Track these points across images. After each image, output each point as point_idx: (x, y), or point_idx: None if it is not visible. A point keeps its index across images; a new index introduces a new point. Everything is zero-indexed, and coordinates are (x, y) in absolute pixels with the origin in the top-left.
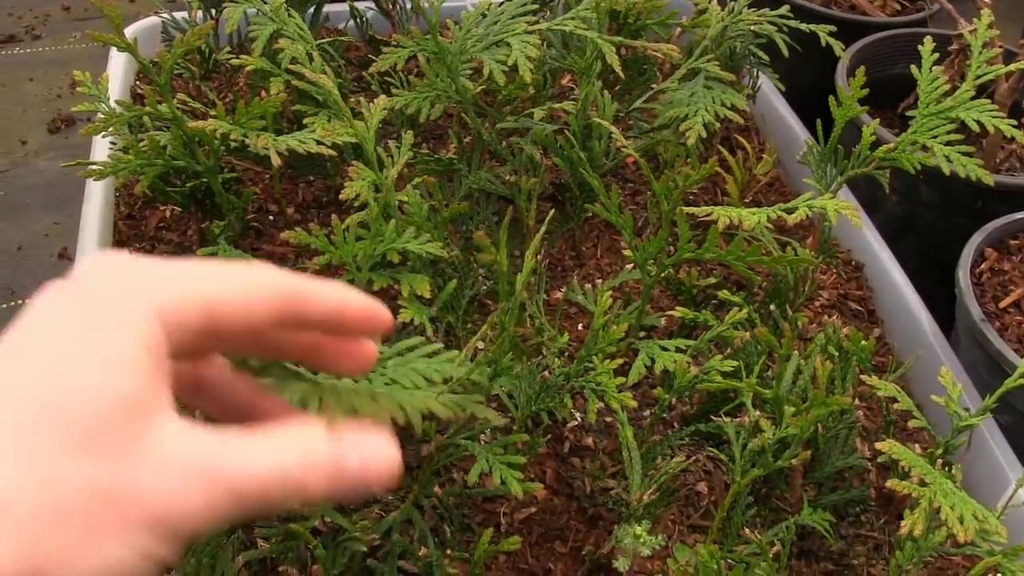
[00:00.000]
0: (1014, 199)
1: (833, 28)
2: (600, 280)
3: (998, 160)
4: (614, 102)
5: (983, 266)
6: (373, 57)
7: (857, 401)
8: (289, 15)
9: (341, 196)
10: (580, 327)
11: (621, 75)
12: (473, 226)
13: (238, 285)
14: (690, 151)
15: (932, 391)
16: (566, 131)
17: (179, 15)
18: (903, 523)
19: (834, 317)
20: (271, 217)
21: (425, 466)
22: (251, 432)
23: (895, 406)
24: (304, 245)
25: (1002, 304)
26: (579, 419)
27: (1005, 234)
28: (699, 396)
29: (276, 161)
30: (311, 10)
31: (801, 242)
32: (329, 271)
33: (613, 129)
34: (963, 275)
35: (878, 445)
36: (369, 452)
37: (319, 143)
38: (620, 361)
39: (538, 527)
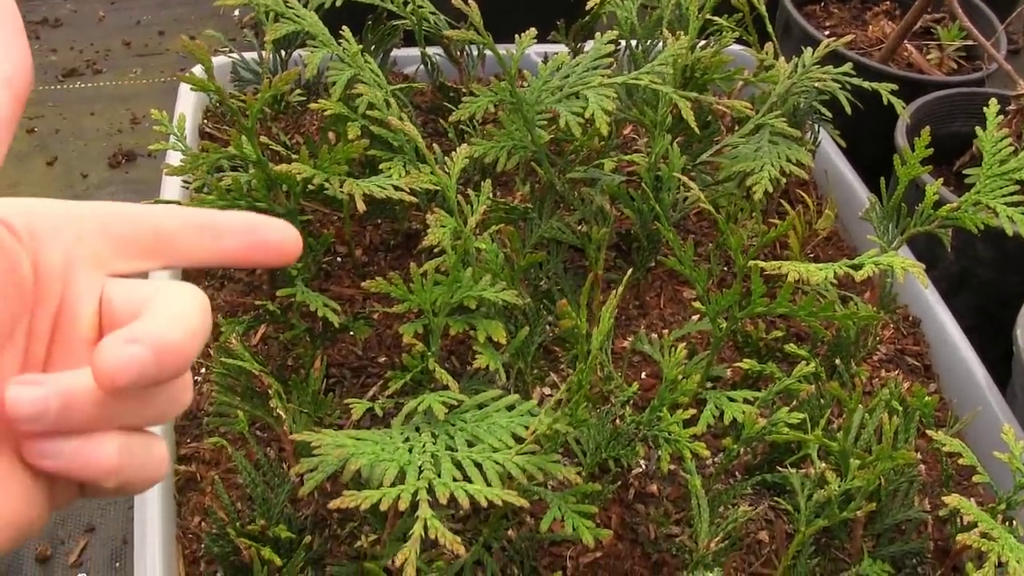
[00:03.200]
0: None
1: (895, 87)
2: (665, 330)
3: None
4: (682, 155)
5: None
6: (443, 103)
7: (918, 455)
8: (365, 60)
9: (424, 243)
10: (644, 375)
11: (697, 130)
12: (543, 274)
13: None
14: (754, 205)
15: (987, 446)
16: (637, 182)
17: (248, 55)
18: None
19: (896, 372)
20: (339, 259)
21: (495, 509)
22: None
23: (959, 461)
24: (383, 292)
25: None
26: (643, 466)
27: None
28: (762, 446)
29: (361, 207)
30: (381, 55)
31: (860, 296)
32: (406, 317)
33: (688, 180)
34: (1021, 332)
35: (945, 499)
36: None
37: (398, 188)
38: (692, 412)
39: (603, 571)
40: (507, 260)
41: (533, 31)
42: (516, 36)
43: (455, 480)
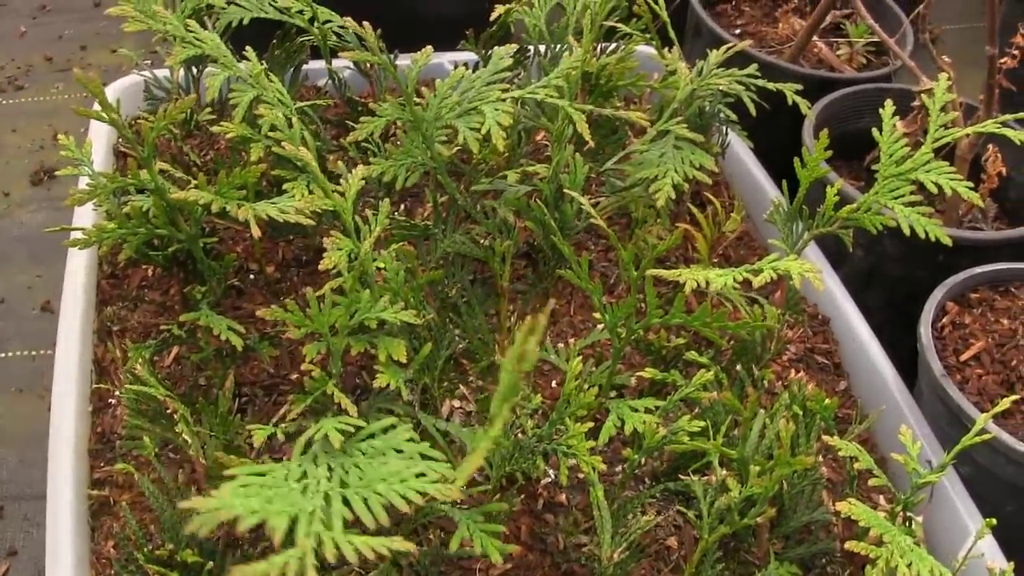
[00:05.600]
0: (974, 253)
1: (799, 87)
2: (573, 339)
3: (961, 213)
4: (586, 164)
5: (944, 320)
6: (351, 118)
7: (822, 456)
8: (269, 79)
9: (320, 267)
10: (554, 384)
11: (590, 141)
12: (449, 288)
13: None
14: (661, 211)
15: (896, 443)
16: (538, 195)
17: (160, 73)
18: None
19: (799, 374)
20: (252, 276)
21: (403, 526)
22: None
23: (856, 464)
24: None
25: (963, 357)
26: (552, 476)
27: (966, 288)
28: (668, 454)
29: (256, 232)
30: (291, 70)
31: (768, 297)
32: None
33: (582, 200)
34: (924, 331)
35: (838, 505)
36: None
37: (299, 211)
38: (590, 424)
39: None
40: (409, 276)
41: (430, 49)
42: (460, 42)
43: (346, 526)
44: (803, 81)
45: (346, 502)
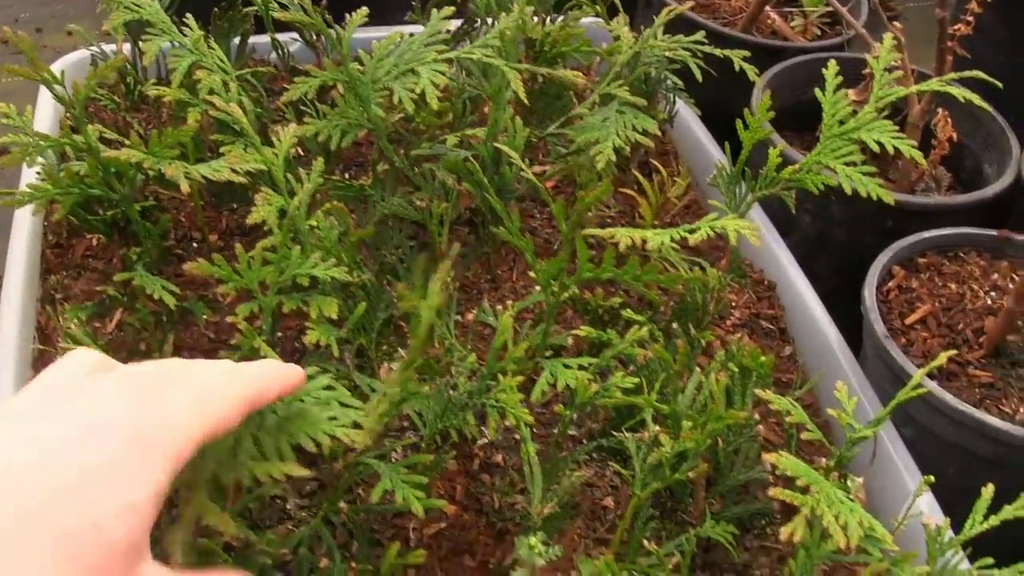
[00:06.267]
0: (923, 218)
1: (747, 53)
2: (512, 302)
3: (914, 180)
4: (526, 128)
5: (891, 284)
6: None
7: (762, 418)
8: (209, 47)
9: (247, 221)
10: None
11: (525, 101)
12: (388, 251)
13: (224, 410)
14: (603, 174)
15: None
16: (478, 158)
17: (109, 48)
18: (783, 530)
19: (739, 335)
20: (195, 244)
21: (334, 484)
22: None
23: (788, 419)
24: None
25: (908, 321)
26: (488, 437)
27: (913, 252)
28: (605, 413)
29: (185, 188)
30: (236, 41)
31: (716, 263)
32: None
33: (514, 155)
34: (868, 293)
35: (765, 457)
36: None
37: (235, 171)
38: (520, 379)
39: (447, 542)
40: (343, 237)
41: (364, 9)
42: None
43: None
44: (754, 50)
45: (257, 443)
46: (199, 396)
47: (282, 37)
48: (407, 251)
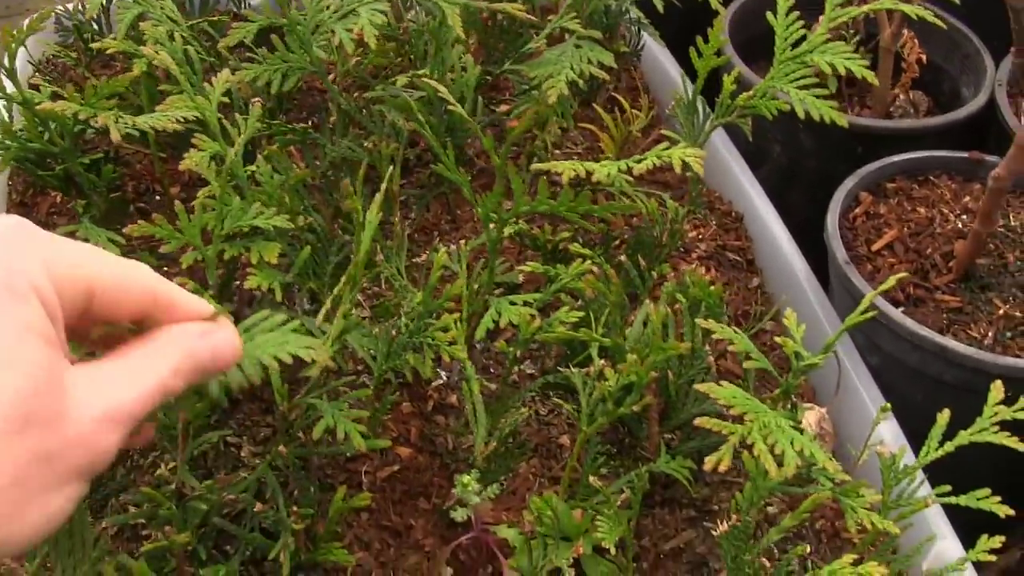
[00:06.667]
0: (895, 143)
1: None
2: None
3: (890, 105)
4: (477, 65)
5: (857, 210)
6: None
7: (713, 350)
8: None
9: (180, 167)
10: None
11: (461, 35)
12: (340, 195)
13: (118, 275)
14: (561, 110)
15: (807, 340)
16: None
17: (73, 5)
18: (707, 460)
19: (710, 271)
20: (157, 197)
21: (281, 427)
22: (125, 355)
23: (731, 348)
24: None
25: (874, 247)
26: (444, 378)
27: (882, 177)
28: (558, 351)
29: (115, 136)
30: None
31: (684, 197)
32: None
33: (442, 89)
34: (831, 219)
35: (697, 387)
36: (218, 343)
37: (178, 121)
38: (456, 316)
39: (401, 484)
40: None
41: None
42: None
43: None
44: None
45: None
46: (89, 253)
47: None
48: (361, 194)
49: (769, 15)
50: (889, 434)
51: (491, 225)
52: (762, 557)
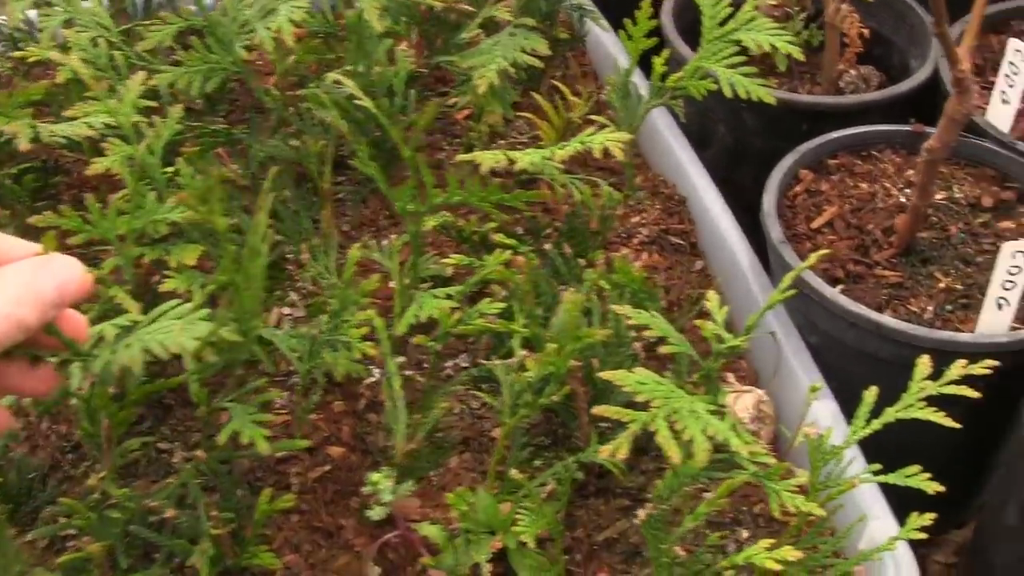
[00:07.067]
0: (840, 119)
1: None
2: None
3: (838, 80)
4: (408, 59)
5: (798, 188)
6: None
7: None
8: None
9: (87, 172)
10: (391, 285)
11: (378, 27)
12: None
13: None
14: (498, 101)
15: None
16: (375, 93)
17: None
18: (601, 450)
19: (652, 256)
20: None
21: (204, 431)
22: None
23: (646, 333)
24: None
25: (814, 224)
26: (376, 375)
27: (823, 154)
28: (487, 343)
29: (24, 146)
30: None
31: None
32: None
33: (348, 83)
34: (768, 198)
35: (599, 374)
36: (57, 270)
37: (93, 127)
38: (370, 313)
39: (333, 484)
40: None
41: None
42: None
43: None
44: None
45: None
46: None
47: None
48: (293, 193)
49: None
50: (828, 414)
51: (408, 218)
52: (687, 544)
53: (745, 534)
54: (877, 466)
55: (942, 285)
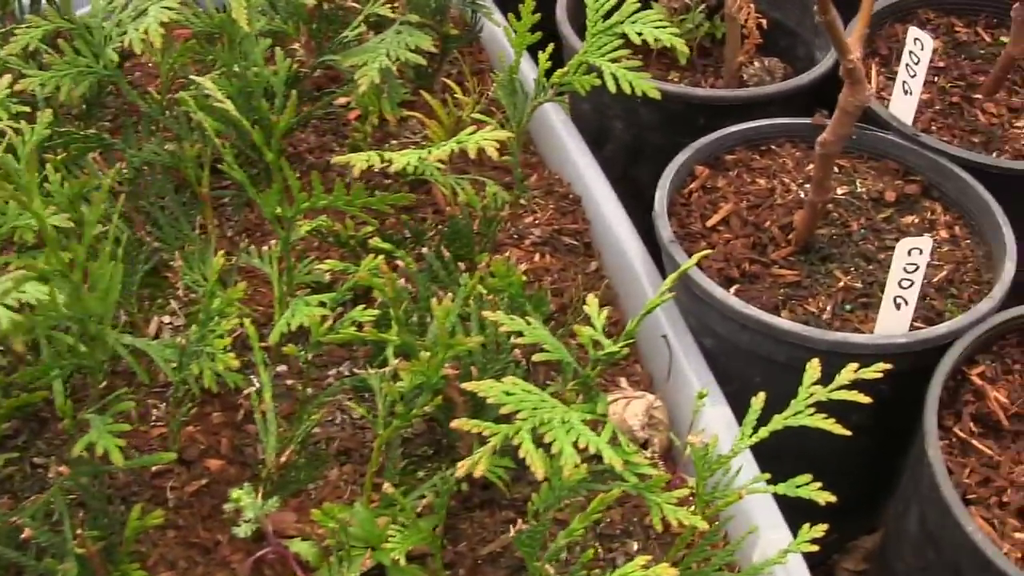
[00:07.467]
0: (738, 112)
1: None
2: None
3: (745, 75)
4: (287, 59)
5: (693, 185)
6: None
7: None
8: None
9: None
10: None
11: (246, 27)
12: (147, 200)
13: None
14: (385, 100)
15: (644, 326)
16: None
17: None
18: (458, 466)
19: (545, 257)
20: None
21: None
22: None
23: (519, 340)
24: None
25: (709, 223)
26: (257, 385)
27: (720, 149)
28: (366, 352)
29: None
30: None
31: (526, 180)
32: None
33: (211, 86)
34: (659, 196)
35: (463, 384)
36: None
37: None
38: (234, 323)
39: (210, 499)
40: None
41: None
42: None
43: None
44: None
45: None
46: None
47: None
48: (172, 198)
49: None
50: (721, 420)
51: (277, 223)
52: (572, 556)
53: (635, 546)
54: (767, 475)
55: (841, 284)
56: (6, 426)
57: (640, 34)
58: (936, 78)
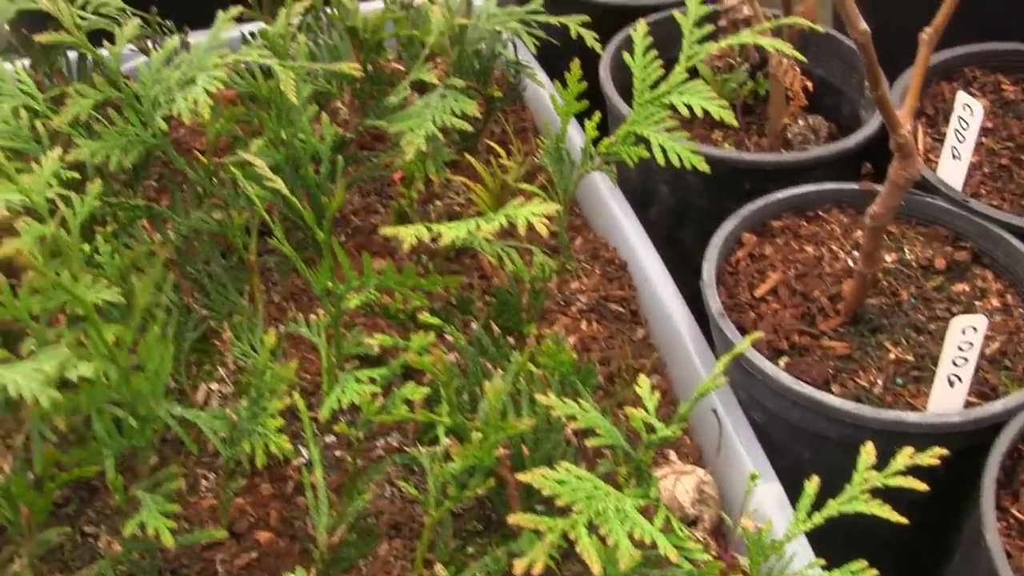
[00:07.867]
0: (784, 176)
1: (586, 18)
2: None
3: (789, 134)
4: (332, 124)
5: (740, 253)
6: None
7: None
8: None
9: None
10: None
11: (294, 100)
12: (194, 266)
13: None
14: (430, 165)
15: (687, 394)
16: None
17: None
18: (516, 564)
19: (591, 325)
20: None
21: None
22: None
23: (573, 424)
24: None
25: (758, 292)
26: (306, 456)
27: (767, 215)
28: (415, 427)
29: None
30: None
31: (571, 243)
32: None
33: (258, 162)
34: (707, 267)
35: (518, 476)
36: None
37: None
38: (286, 401)
39: (260, 572)
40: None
41: (136, 23)
42: None
43: None
44: (596, 12)
45: None
46: None
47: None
48: (219, 265)
49: (626, 55)
50: (772, 500)
51: (327, 299)
52: None
53: None
54: (821, 561)
55: (892, 356)
56: (56, 495)
57: (688, 105)
58: (984, 139)
